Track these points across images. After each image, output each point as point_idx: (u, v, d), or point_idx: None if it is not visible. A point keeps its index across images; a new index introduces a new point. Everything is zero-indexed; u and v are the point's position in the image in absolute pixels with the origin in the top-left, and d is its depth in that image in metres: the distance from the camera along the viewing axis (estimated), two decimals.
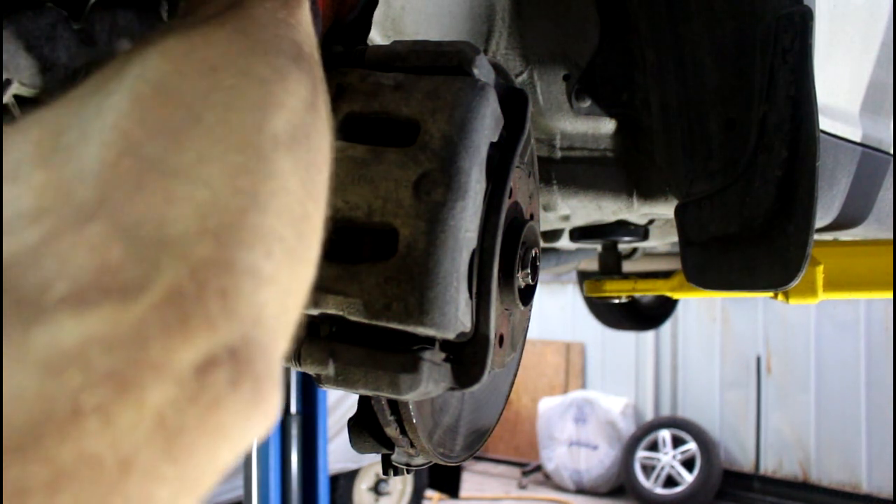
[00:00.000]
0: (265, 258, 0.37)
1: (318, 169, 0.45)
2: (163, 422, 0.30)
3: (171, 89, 0.40)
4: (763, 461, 7.18)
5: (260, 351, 0.35)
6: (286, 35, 0.49)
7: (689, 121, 1.04)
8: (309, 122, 0.45)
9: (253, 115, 0.42)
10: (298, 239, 0.40)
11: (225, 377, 0.32)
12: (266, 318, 0.36)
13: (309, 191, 0.43)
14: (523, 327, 0.85)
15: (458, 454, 0.82)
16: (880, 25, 1.20)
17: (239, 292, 0.34)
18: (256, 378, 0.34)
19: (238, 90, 0.42)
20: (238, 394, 0.33)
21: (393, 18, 0.98)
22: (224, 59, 0.44)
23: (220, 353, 0.33)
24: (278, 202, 0.39)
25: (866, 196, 1.24)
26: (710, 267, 1.07)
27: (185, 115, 0.39)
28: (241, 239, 0.36)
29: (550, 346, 8.45)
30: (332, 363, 0.64)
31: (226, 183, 0.37)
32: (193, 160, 0.37)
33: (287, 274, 0.39)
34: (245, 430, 0.34)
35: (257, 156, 0.40)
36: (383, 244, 0.62)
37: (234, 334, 0.33)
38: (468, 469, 8.01)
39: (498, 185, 0.67)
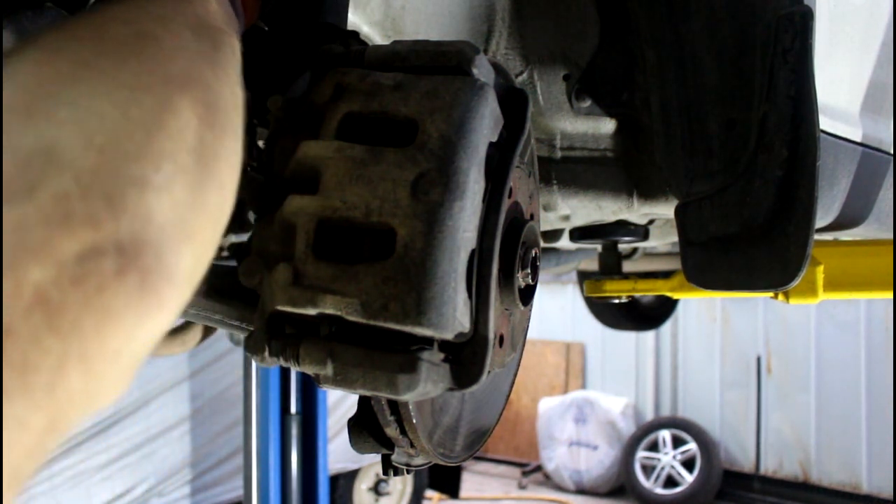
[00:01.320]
0: (153, 171, 0.41)
1: (218, 108, 0.49)
2: (43, 298, 0.33)
3: (61, 50, 0.44)
4: (763, 461, 7.18)
5: (150, 248, 0.39)
6: (185, 10, 0.53)
7: (689, 121, 1.04)
8: (206, 71, 0.49)
9: (145, 61, 0.45)
10: (196, 163, 0.44)
11: (110, 266, 0.36)
12: (158, 221, 0.40)
13: (208, 123, 0.47)
14: (523, 327, 0.84)
15: (458, 454, 0.82)
16: (880, 25, 1.20)
17: (124, 195, 0.38)
18: (144, 270, 0.38)
19: (131, 45, 0.46)
20: (123, 282, 0.37)
21: (393, 18, 0.98)
22: (116, 25, 0.47)
23: (104, 245, 0.36)
24: (169, 129, 0.43)
25: (866, 196, 1.24)
26: (710, 267, 1.07)
27: (76, 66, 0.42)
28: (127, 152, 0.40)
29: (550, 346, 8.45)
30: (331, 363, 0.64)
31: (116, 112, 0.41)
32: (86, 93, 0.41)
33: (183, 190, 0.42)
34: (136, 317, 0.38)
35: (147, 91, 0.44)
36: (381, 244, 0.62)
37: (120, 231, 0.37)
38: (468, 469, 8.01)
39: (497, 185, 0.67)
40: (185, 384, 4.11)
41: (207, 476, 4.19)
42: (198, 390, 4.16)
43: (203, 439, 4.18)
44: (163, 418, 3.99)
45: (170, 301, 0.40)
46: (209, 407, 4.20)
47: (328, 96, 0.68)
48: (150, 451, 3.94)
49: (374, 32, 0.97)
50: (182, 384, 4.09)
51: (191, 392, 4.13)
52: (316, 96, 0.69)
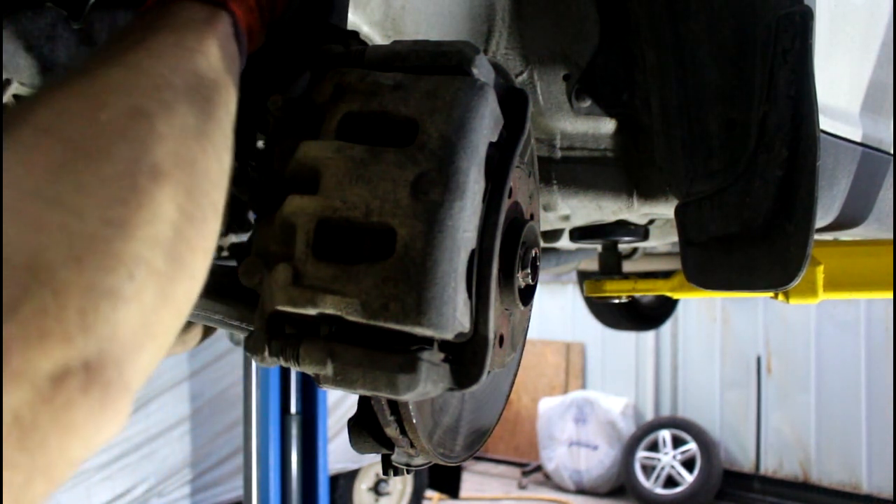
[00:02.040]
0: (127, 280, 0.42)
1: (202, 192, 0.50)
2: (18, 419, 0.36)
3: (52, 129, 0.45)
4: (763, 461, 7.18)
5: (112, 363, 0.41)
6: (185, 66, 0.54)
7: (689, 121, 1.04)
8: (195, 149, 0.50)
9: (133, 147, 0.46)
10: (169, 261, 0.46)
11: (77, 384, 0.39)
12: (123, 333, 0.42)
13: (188, 214, 0.48)
14: (523, 327, 0.84)
15: (458, 454, 0.82)
16: (880, 25, 1.20)
17: (97, 312, 0.40)
18: (105, 385, 0.41)
19: (121, 126, 0.47)
20: (88, 398, 0.40)
21: (393, 18, 0.98)
22: (111, 98, 0.48)
23: (74, 364, 0.39)
24: (147, 230, 0.44)
25: (866, 196, 1.24)
26: (711, 267, 1.07)
27: (64, 151, 0.43)
28: (104, 265, 0.41)
29: (550, 346, 8.45)
30: (331, 363, 0.64)
31: (98, 213, 0.42)
32: (70, 190, 0.42)
33: (153, 293, 0.44)
34: (96, 428, 0.41)
35: (132, 186, 0.45)
36: (381, 244, 0.61)
37: (89, 349, 0.40)
38: (468, 469, 8.01)
39: (497, 185, 0.67)
40: (185, 384, 4.11)
41: (207, 476, 4.19)
42: (198, 390, 4.16)
43: (203, 439, 4.18)
44: (163, 418, 3.99)
45: (124, 408, 0.43)
46: (209, 407, 4.20)
47: (328, 96, 0.68)
48: (150, 451, 3.94)
49: (374, 32, 0.97)
50: (182, 384, 4.09)
51: (191, 392, 4.13)
52: (316, 96, 0.69)
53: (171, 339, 0.48)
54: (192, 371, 4.13)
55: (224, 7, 0.62)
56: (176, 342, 2.19)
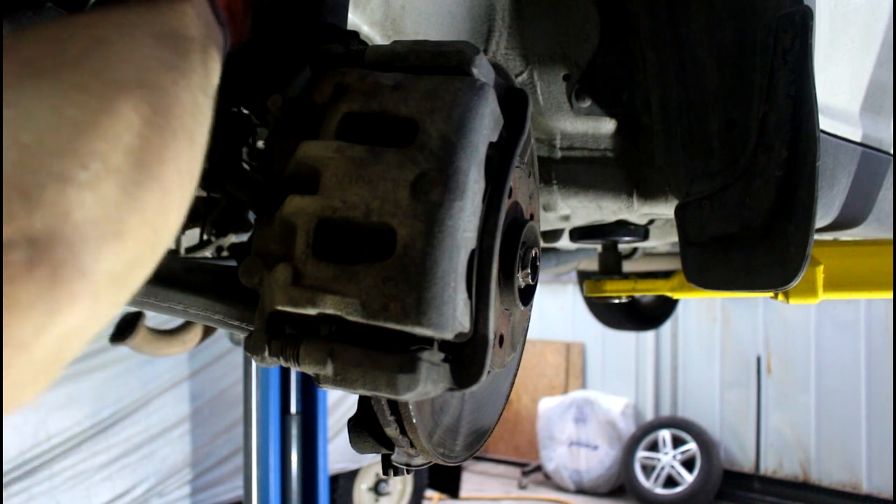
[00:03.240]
0: (79, 168, 0.41)
1: (171, 112, 0.50)
2: None
3: (18, 49, 0.45)
4: (763, 461, 7.18)
5: (63, 242, 0.40)
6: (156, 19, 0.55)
7: (689, 121, 1.04)
8: (163, 77, 0.50)
9: (94, 64, 0.47)
10: (134, 164, 0.45)
11: (20, 259, 0.37)
12: (76, 217, 0.41)
13: (155, 126, 0.48)
14: (523, 327, 0.84)
15: (458, 454, 0.82)
16: (880, 25, 1.20)
17: (42, 191, 0.39)
18: (55, 264, 0.39)
19: (84, 50, 0.47)
20: (33, 275, 0.38)
21: (393, 18, 0.98)
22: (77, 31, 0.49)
23: (16, 239, 0.38)
24: (104, 129, 0.44)
25: (866, 196, 1.23)
26: (710, 267, 1.07)
27: (22, 66, 0.44)
28: (51, 150, 0.41)
29: (550, 346, 8.45)
30: (331, 363, 0.64)
31: (51, 111, 0.42)
32: (25, 94, 0.42)
33: (113, 188, 0.43)
34: (46, 310, 0.39)
35: (94, 93, 0.45)
36: (381, 244, 0.61)
37: (34, 225, 0.38)
38: (468, 469, 8.00)
39: (497, 185, 0.67)
40: (185, 384, 4.11)
41: (207, 476, 4.19)
42: (198, 390, 4.16)
43: (203, 439, 4.18)
44: (163, 418, 3.99)
45: (84, 297, 0.41)
46: (209, 407, 4.20)
47: (328, 96, 0.68)
48: (150, 451, 3.94)
49: (374, 32, 0.97)
50: (182, 384, 4.09)
51: (191, 392, 4.13)
52: (316, 96, 0.69)
53: (148, 254, 0.47)
54: (192, 371, 4.13)
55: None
56: (176, 342, 2.17)
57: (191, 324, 2.69)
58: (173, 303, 0.82)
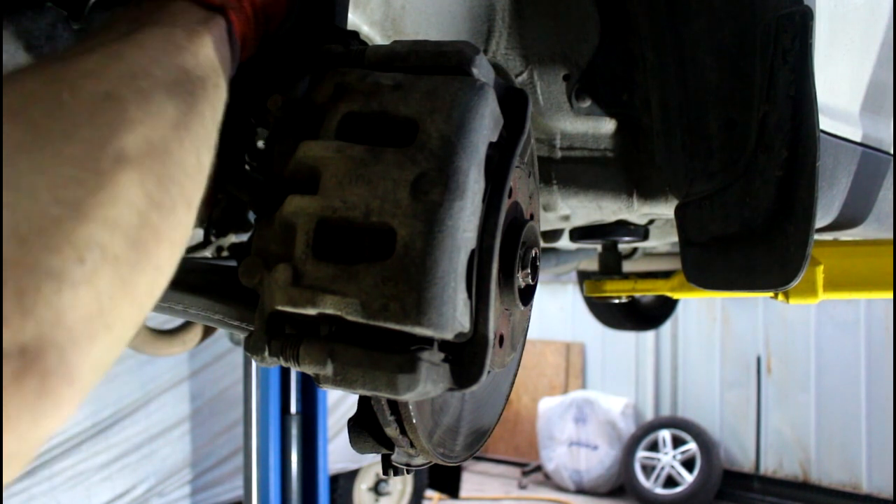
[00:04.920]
0: (75, 263, 0.39)
1: (173, 181, 0.48)
2: None
3: (15, 112, 0.43)
4: (763, 461, 7.18)
5: (54, 350, 0.38)
6: (169, 60, 0.52)
7: (689, 121, 1.04)
8: (170, 138, 0.48)
9: (99, 130, 0.44)
10: (131, 248, 0.43)
11: (10, 370, 0.36)
12: (70, 320, 0.39)
13: (157, 202, 0.46)
14: (523, 327, 0.84)
15: (458, 454, 0.82)
16: (880, 25, 1.20)
17: (38, 293, 0.38)
18: (44, 374, 0.37)
19: (88, 109, 0.45)
20: (21, 386, 0.36)
21: (393, 18, 0.98)
22: (81, 82, 0.46)
23: (9, 349, 0.36)
24: (105, 212, 0.42)
25: (866, 196, 1.23)
26: (710, 267, 1.07)
27: (24, 133, 0.41)
28: (49, 244, 0.39)
29: (550, 346, 8.45)
30: (331, 363, 0.64)
31: (49, 193, 0.40)
32: (26, 171, 0.40)
33: (109, 279, 0.41)
34: (31, 419, 0.37)
35: (92, 168, 0.42)
36: (381, 244, 0.61)
37: (26, 333, 0.37)
38: (468, 469, 8.00)
39: (497, 185, 0.67)
40: (185, 384, 4.11)
41: (207, 476, 4.19)
42: (198, 390, 4.16)
43: (203, 439, 4.18)
44: (163, 418, 3.99)
45: (68, 401, 0.40)
46: (209, 407, 4.20)
47: (328, 96, 0.68)
48: (150, 451, 3.95)
49: (374, 32, 0.97)
50: (182, 384, 4.09)
51: (191, 392, 4.13)
52: (316, 96, 0.69)
53: (131, 332, 0.46)
54: (192, 371, 4.13)
55: (222, 13, 0.61)
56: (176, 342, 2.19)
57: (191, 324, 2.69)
58: (173, 303, 0.82)
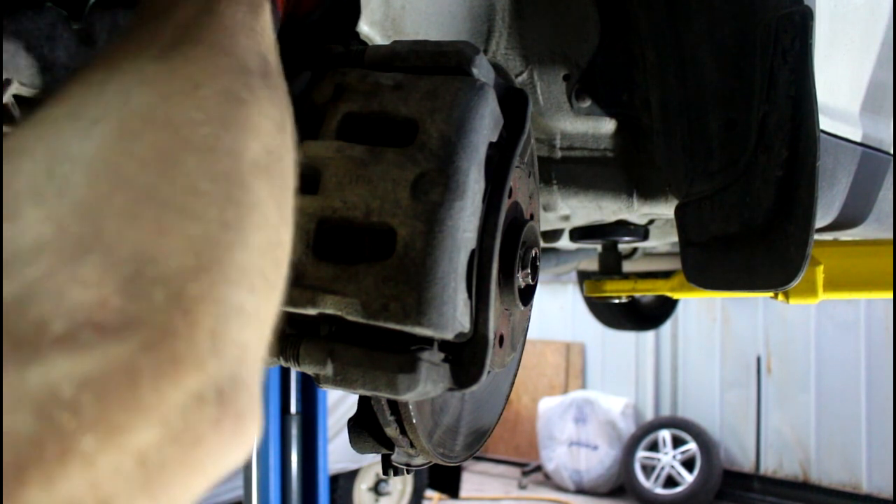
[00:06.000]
0: (249, 294, 0.38)
1: (289, 191, 0.46)
2: (144, 462, 0.31)
3: (157, 116, 0.40)
4: (763, 461, 7.18)
5: (244, 388, 0.36)
6: (254, 48, 0.50)
7: (689, 121, 1.04)
8: (280, 144, 0.46)
9: (234, 140, 0.42)
10: (275, 268, 0.41)
11: (209, 417, 0.34)
12: (249, 355, 0.37)
13: (283, 216, 0.44)
14: (523, 327, 0.84)
15: (458, 454, 0.82)
16: (880, 25, 1.20)
17: (227, 331, 0.36)
18: (238, 415, 0.35)
19: (221, 113, 0.43)
20: (220, 431, 0.34)
21: (393, 18, 0.98)
22: (204, 78, 0.44)
23: (207, 394, 0.34)
24: (260, 235, 0.40)
25: (866, 196, 1.24)
26: (710, 267, 1.07)
27: (173, 142, 0.39)
28: (229, 277, 0.37)
29: (550, 346, 8.45)
30: (331, 363, 0.64)
31: (215, 216, 0.38)
32: (183, 191, 0.38)
33: (265, 306, 0.40)
34: (224, 463, 0.35)
35: (240, 185, 0.40)
36: (381, 244, 0.62)
37: (221, 374, 0.35)
38: (468, 469, 8.00)
39: (497, 185, 0.67)
40: None
41: None
42: None
43: None
44: None
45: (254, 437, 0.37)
46: None
47: (328, 96, 0.68)
48: None
49: (374, 32, 0.97)
50: None
51: None
52: (316, 96, 0.69)
53: None
54: None
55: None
56: None
57: None
58: None
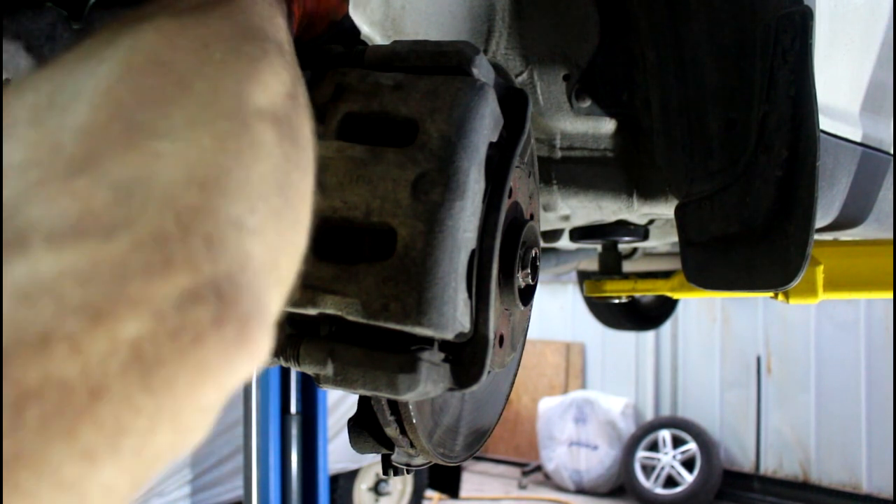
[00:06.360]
0: (249, 212, 0.38)
1: (301, 146, 0.46)
2: (139, 354, 0.31)
3: (163, 60, 0.42)
4: (763, 461, 7.18)
5: (248, 293, 0.36)
6: (270, 30, 0.51)
7: (689, 121, 1.04)
8: (291, 108, 0.47)
9: (240, 87, 0.43)
10: (285, 203, 0.42)
11: (208, 314, 0.33)
12: (253, 265, 0.37)
13: (294, 162, 0.45)
14: (523, 327, 0.85)
15: (458, 454, 0.82)
16: (880, 25, 1.20)
17: (223, 238, 0.36)
18: (243, 318, 0.35)
19: (227, 64, 0.44)
20: (222, 332, 0.34)
21: (393, 18, 0.98)
22: (215, 37, 0.46)
23: (203, 291, 0.33)
24: (263, 166, 0.41)
25: (866, 196, 1.24)
26: (710, 267, 1.07)
27: (176, 84, 0.41)
28: (226, 191, 0.37)
29: (550, 346, 8.45)
30: (331, 363, 0.64)
31: (213, 144, 0.39)
32: (182, 124, 0.39)
33: (273, 232, 0.40)
34: (230, 369, 0.35)
35: (242, 124, 0.42)
36: (382, 244, 0.62)
37: (219, 274, 0.34)
38: (468, 469, 8.01)
39: (497, 185, 0.67)
40: None
41: (207, 476, 4.19)
42: None
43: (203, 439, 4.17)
44: None
45: (263, 347, 0.37)
46: None
47: (328, 96, 0.68)
48: None
49: (374, 32, 0.97)
50: None
51: None
52: (316, 96, 0.69)
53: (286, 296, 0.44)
54: None
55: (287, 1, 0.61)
56: None
57: None
58: None
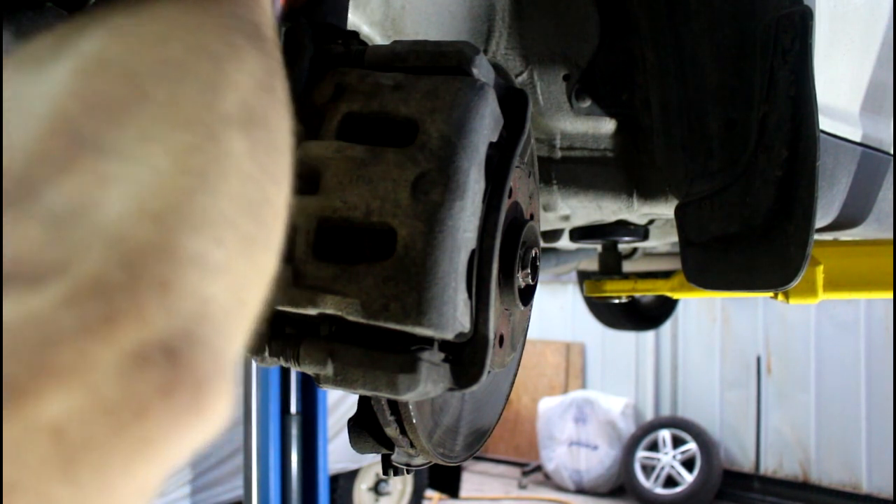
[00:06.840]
0: (215, 245, 0.33)
1: (278, 152, 0.41)
2: (61, 438, 0.25)
3: (114, 62, 0.36)
4: (763, 461, 7.18)
5: (206, 350, 0.30)
6: (244, 14, 0.46)
7: (689, 121, 1.04)
8: (265, 104, 0.42)
9: (203, 92, 0.38)
10: (257, 225, 0.37)
11: (155, 382, 0.28)
12: (215, 313, 0.32)
13: (269, 173, 0.39)
14: (523, 327, 0.84)
15: (458, 454, 0.82)
16: (880, 25, 1.20)
17: (183, 283, 0.30)
18: (197, 382, 0.30)
19: (188, 66, 0.38)
20: (172, 402, 0.28)
21: (393, 18, 0.98)
22: (175, 33, 0.40)
23: (151, 354, 0.28)
24: (232, 185, 0.35)
25: (866, 196, 1.24)
26: (710, 267, 1.07)
27: (128, 91, 0.35)
28: (187, 222, 0.32)
29: (550, 346, 8.45)
30: (331, 363, 0.64)
31: (171, 162, 0.33)
32: (134, 138, 0.33)
33: (243, 263, 0.35)
34: (178, 442, 0.29)
35: (208, 134, 0.36)
36: (381, 244, 0.62)
37: (171, 331, 0.29)
38: (468, 469, 8.01)
39: (497, 185, 0.67)
40: None
41: (207, 476, 4.19)
42: None
43: None
44: None
45: (221, 409, 0.32)
46: None
47: (328, 96, 0.68)
48: None
49: (374, 32, 0.97)
50: None
51: None
52: (316, 96, 0.69)
53: (249, 329, 0.37)
54: None
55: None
56: None
57: None
58: None
